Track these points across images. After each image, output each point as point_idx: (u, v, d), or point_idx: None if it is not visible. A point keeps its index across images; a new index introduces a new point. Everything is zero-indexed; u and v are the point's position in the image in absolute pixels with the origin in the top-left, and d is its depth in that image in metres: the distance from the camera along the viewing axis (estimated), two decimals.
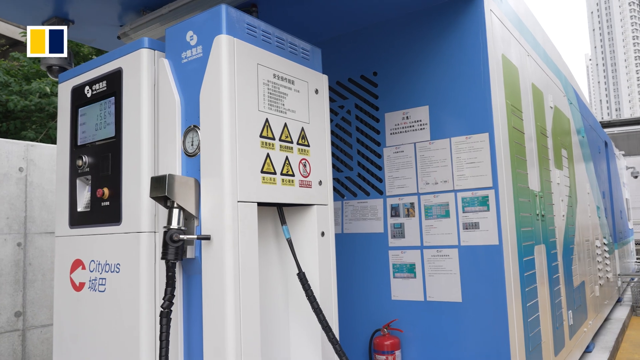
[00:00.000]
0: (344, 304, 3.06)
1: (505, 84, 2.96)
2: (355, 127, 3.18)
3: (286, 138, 2.08)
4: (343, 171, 3.21)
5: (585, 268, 4.94)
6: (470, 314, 2.70)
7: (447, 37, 2.85)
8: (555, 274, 3.70)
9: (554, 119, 4.19)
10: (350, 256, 3.12)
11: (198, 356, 1.89)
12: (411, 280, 2.89)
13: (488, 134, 2.68)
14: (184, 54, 2.00)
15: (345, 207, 3.17)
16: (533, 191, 3.30)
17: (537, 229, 3.30)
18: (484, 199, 2.67)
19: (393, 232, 2.97)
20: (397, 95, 3.02)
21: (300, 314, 2.22)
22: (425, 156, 2.87)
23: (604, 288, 5.93)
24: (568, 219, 4.32)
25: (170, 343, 1.87)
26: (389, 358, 2.83)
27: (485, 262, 2.66)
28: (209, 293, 1.83)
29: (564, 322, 3.78)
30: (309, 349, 2.20)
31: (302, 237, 2.24)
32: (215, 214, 1.83)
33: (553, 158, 4.00)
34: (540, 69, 3.95)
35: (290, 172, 2.08)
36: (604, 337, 5.40)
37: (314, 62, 2.34)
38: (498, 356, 2.60)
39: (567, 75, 5.17)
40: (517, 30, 3.38)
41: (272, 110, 2.03)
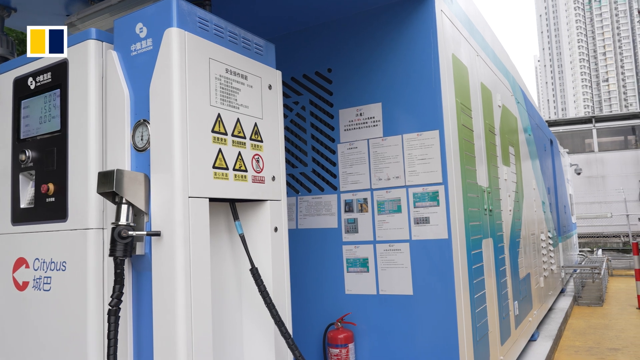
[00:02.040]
0: (298, 299, 3.08)
1: (456, 82, 3.05)
2: (310, 123, 3.20)
3: (239, 133, 2.07)
4: (297, 167, 3.22)
5: (531, 260, 5.17)
6: (421, 306, 2.77)
7: (399, 35, 2.91)
8: (502, 267, 3.85)
9: (502, 117, 4.35)
10: (305, 251, 3.14)
11: (148, 355, 1.86)
12: (364, 274, 2.94)
13: (438, 131, 2.76)
14: (134, 47, 1.95)
15: (300, 202, 3.19)
16: (481, 187, 3.42)
17: (485, 224, 3.42)
18: (434, 194, 2.75)
19: (347, 227, 3.01)
20: (351, 92, 3.06)
21: (254, 309, 2.23)
22: (378, 152, 2.93)
23: (548, 279, 6.22)
24: (515, 213, 4.50)
25: (120, 342, 1.83)
26: (343, 351, 2.87)
27: (435, 255, 2.74)
28: (159, 290, 1.80)
29: (510, 312, 3.94)
30: (262, 344, 2.20)
31: (255, 233, 2.23)
32: (165, 210, 1.80)
33: (501, 155, 4.15)
34: (489, 69, 4.09)
35: (243, 167, 2.08)
36: (548, 326, 5.67)
37: (268, 57, 2.34)
38: (447, 346, 2.69)
39: (514, 75, 5.37)
40: (467, 31, 3.49)
41: (225, 105, 2.01)
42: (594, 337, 5.66)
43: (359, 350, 2.95)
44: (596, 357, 4.84)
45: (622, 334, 5.72)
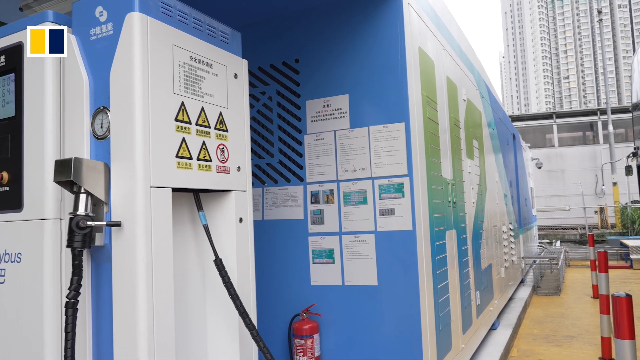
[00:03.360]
0: (264, 290, 3.07)
1: (422, 76, 3.08)
2: (277, 114, 3.17)
3: (203, 122, 2.04)
4: (264, 158, 3.20)
5: (493, 252, 5.30)
6: (385, 296, 2.81)
7: (367, 27, 2.91)
8: (465, 257, 3.93)
9: (466, 111, 4.43)
10: (271, 242, 3.13)
11: (108, 349, 1.82)
12: (330, 265, 2.95)
13: (404, 124, 2.79)
14: (93, 31, 1.88)
15: (266, 193, 3.17)
16: (446, 179, 3.47)
17: (448, 215, 3.49)
18: (400, 186, 2.78)
19: (313, 218, 3.01)
20: (318, 83, 3.05)
21: (218, 300, 2.20)
22: (345, 144, 2.93)
23: (509, 270, 6.40)
24: (478, 205, 4.60)
25: (78, 336, 1.79)
26: (308, 342, 2.88)
27: (400, 246, 2.77)
28: (119, 282, 1.76)
29: (472, 302, 4.04)
30: (226, 336, 2.18)
31: (220, 224, 2.21)
32: (126, 200, 1.76)
33: (465, 148, 4.23)
34: (455, 63, 4.15)
35: (208, 157, 2.04)
36: (508, 315, 5.84)
37: (234, 46, 2.30)
38: (410, 335, 2.74)
39: (480, 70, 5.46)
40: (433, 25, 3.52)
41: (189, 93, 1.97)
42: (551, 325, 5.86)
43: (324, 340, 2.97)
44: (553, 344, 5.02)
45: (577, 322, 5.95)
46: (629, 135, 24.24)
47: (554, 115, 27.10)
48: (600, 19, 26.32)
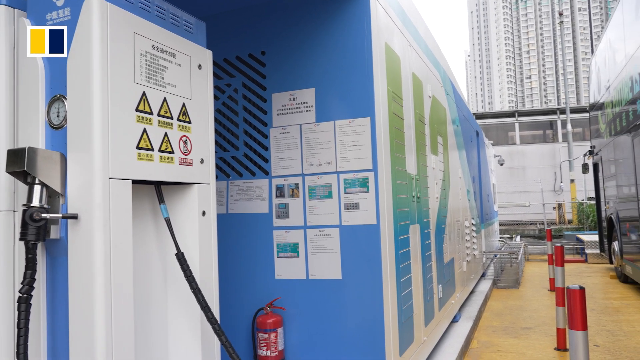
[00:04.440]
0: (228, 284, 3.04)
1: (388, 71, 3.10)
2: (242, 107, 3.14)
3: (165, 113, 1.99)
4: (229, 151, 3.16)
5: (455, 246, 5.41)
6: (349, 290, 2.82)
7: (334, 22, 2.91)
8: (428, 252, 4.00)
9: (431, 107, 4.49)
10: (235, 236, 3.10)
11: (63, 346, 1.76)
12: (294, 259, 2.95)
13: (370, 119, 2.80)
14: (49, 15, 1.81)
15: (231, 187, 3.13)
16: (410, 174, 3.52)
17: (412, 210, 3.53)
18: (365, 180, 2.79)
19: (278, 212, 3.00)
20: (284, 76, 3.02)
21: (179, 295, 2.17)
22: (311, 138, 2.93)
23: (470, 264, 6.55)
24: (441, 201, 4.68)
25: (32, 332, 1.73)
26: (271, 336, 2.87)
27: (364, 240, 2.79)
28: (75, 277, 1.71)
29: (434, 295, 4.11)
30: (187, 330, 2.15)
31: (182, 217, 2.17)
32: (83, 192, 1.71)
33: (429, 144, 4.29)
34: (421, 60, 4.20)
35: (170, 149, 2.00)
36: (469, 308, 5.98)
37: (198, 36, 2.26)
38: (373, 328, 2.76)
39: (445, 68, 5.54)
40: (400, 21, 3.55)
41: (150, 83, 1.93)
42: (510, 317, 6.04)
43: (288, 334, 2.97)
44: (511, 335, 5.17)
45: (534, 314, 6.15)
46: (586, 134, 25.13)
47: (516, 113, 27.84)
48: (561, 21, 27.15)
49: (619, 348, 4.65)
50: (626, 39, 6.81)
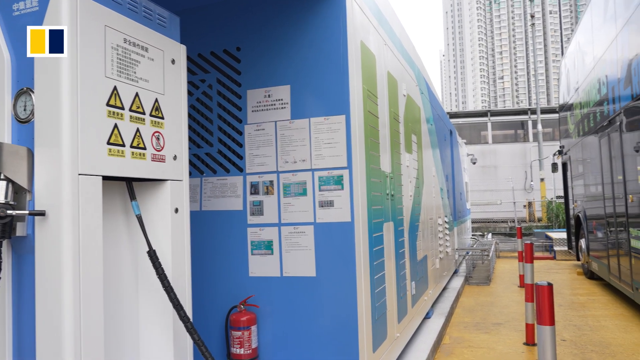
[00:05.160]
0: (201, 282, 3.01)
1: (363, 69, 3.11)
2: (217, 103, 3.11)
3: (137, 108, 1.96)
4: (202, 147, 3.13)
5: (428, 243, 5.48)
6: (324, 287, 2.83)
7: (310, 19, 2.90)
8: (402, 249, 4.04)
9: (406, 106, 4.53)
10: (209, 233, 3.07)
11: (30, 345, 1.72)
12: (269, 256, 2.94)
13: (345, 116, 2.81)
14: (16, 6, 1.76)
15: (204, 184, 3.10)
16: (384, 172, 3.54)
17: (386, 208, 3.56)
18: (339, 178, 2.80)
19: (252, 209, 2.98)
20: (259, 72, 3.01)
21: (151, 293, 2.14)
22: (286, 135, 2.92)
23: (443, 261, 6.64)
24: (415, 198, 4.73)
25: None
26: (245, 333, 2.86)
27: (338, 238, 2.80)
28: (43, 275, 1.67)
29: (407, 292, 4.15)
30: (159, 329, 2.12)
31: (155, 214, 2.14)
32: (52, 188, 1.66)
33: (404, 142, 4.33)
34: (396, 59, 4.23)
35: (142, 145, 1.97)
36: (441, 304, 6.07)
37: (172, 30, 2.22)
38: (347, 325, 2.78)
39: (420, 67, 5.60)
40: (376, 20, 3.57)
41: (122, 77, 1.89)
42: (481, 313, 6.15)
43: (262, 332, 2.96)
44: (482, 331, 5.27)
45: (505, 310, 6.28)
46: (556, 134, 25.76)
47: (488, 113, 28.34)
48: (533, 23, 27.73)
49: (584, 342, 4.79)
50: (594, 42, 7.00)
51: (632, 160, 5.36)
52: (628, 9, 5.26)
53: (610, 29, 5.98)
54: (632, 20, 5.12)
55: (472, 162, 16.19)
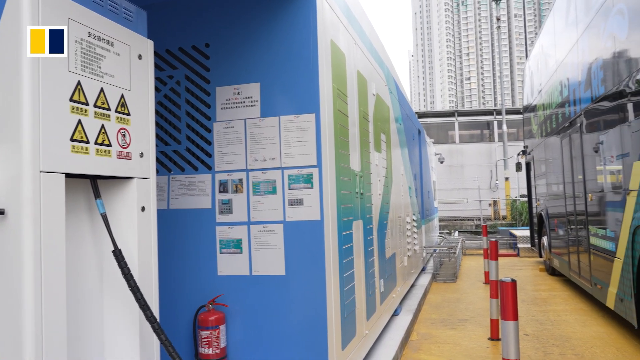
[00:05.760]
0: (169, 282, 2.97)
1: (333, 68, 3.12)
2: (185, 100, 3.06)
3: (103, 104, 1.91)
4: (170, 145, 3.08)
5: (397, 241, 5.54)
6: (293, 285, 2.83)
7: (280, 17, 2.89)
8: (371, 247, 4.07)
9: (375, 105, 4.56)
10: (176, 232, 3.02)
11: None
12: (237, 255, 2.92)
13: (315, 115, 2.81)
14: None
15: (172, 182, 3.05)
16: (354, 171, 3.56)
17: (356, 206, 3.58)
18: (309, 176, 2.80)
19: (221, 207, 2.95)
20: (229, 70, 2.98)
21: (116, 293, 2.09)
22: (255, 133, 2.90)
23: (411, 259, 6.73)
24: (384, 197, 4.78)
25: None
26: (213, 333, 2.83)
27: (308, 236, 2.80)
28: (2, 276, 1.61)
29: (376, 289, 4.19)
30: (125, 330, 2.08)
31: (120, 212, 2.09)
32: (11, 186, 1.61)
33: (373, 141, 4.36)
34: (366, 58, 4.26)
35: (107, 141, 1.92)
36: (409, 301, 6.15)
37: (139, 25, 2.18)
38: (316, 323, 2.79)
39: (389, 66, 5.65)
40: (346, 19, 3.58)
41: (86, 72, 1.84)
42: (447, 309, 6.26)
43: (230, 331, 2.93)
44: (448, 327, 5.37)
45: (470, 306, 6.42)
46: (520, 134, 26.44)
47: (456, 113, 28.87)
48: (499, 26, 28.38)
49: (546, 336, 4.94)
50: (557, 45, 7.22)
51: (591, 161, 5.56)
52: (588, 14, 5.44)
53: (572, 33, 6.18)
54: (592, 25, 5.30)
55: (439, 161, 16.46)
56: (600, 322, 5.45)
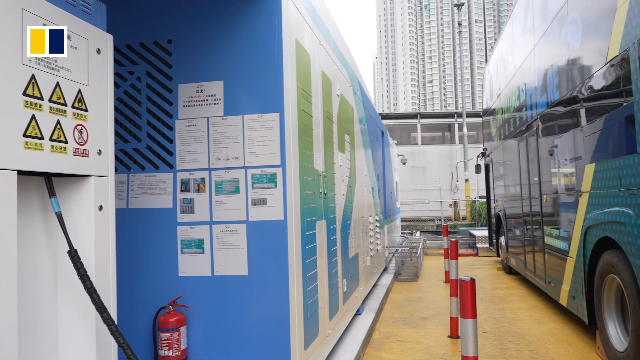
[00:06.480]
0: (128, 283, 2.89)
1: (298, 68, 3.12)
2: (146, 96, 2.99)
3: (58, 99, 1.84)
4: (130, 142, 3.00)
5: (360, 241, 5.59)
6: (256, 286, 2.81)
7: (245, 15, 2.86)
8: (334, 247, 4.09)
9: (340, 106, 4.59)
10: (136, 232, 2.95)
11: None
12: (199, 255, 2.88)
13: (279, 114, 2.80)
14: None
15: (132, 180, 2.98)
16: (318, 171, 3.57)
17: (319, 206, 3.59)
18: (272, 176, 2.79)
19: (182, 207, 2.90)
20: (192, 67, 2.93)
21: (72, 295, 2.02)
22: (218, 132, 2.86)
23: (374, 258, 6.80)
24: (347, 197, 4.81)
25: None
26: (174, 335, 2.78)
27: (271, 236, 2.79)
28: None
29: (339, 289, 4.21)
30: (81, 332, 2.01)
31: (77, 211, 2.02)
32: None
33: (337, 142, 4.38)
34: (330, 59, 4.27)
35: (63, 138, 1.85)
36: (372, 300, 6.21)
37: (97, 18, 2.11)
38: (279, 324, 2.77)
39: (354, 68, 5.69)
40: (311, 19, 3.58)
41: (41, 65, 1.77)
42: (409, 308, 6.36)
43: (192, 332, 2.89)
44: (409, 326, 5.46)
45: (431, 305, 6.53)
46: (480, 137, 27.14)
47: (418, 115, 29.36)
48: (460, 31, 28.99)
49: (503, 333, 5.08)
50: (515, 51, 7.44)
51: (546, 163, 5.76)
52: (545, 22, 5.64)
53: (529, 40, 6.39)
54: (548, 32, 5.49)
55: (402, 162, 16.66)
56: (554, 318, 5.65)
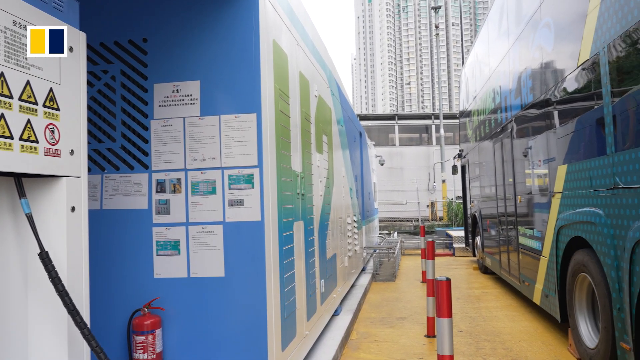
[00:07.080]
0: (102, 285, 2.85)
1: (275, 68, 3.11)
2: (121, 96, 2.95)
3: (29, 98, 1.80)
4: (104, 142, 2.95)
5: (338, 242, 5.60)
6: (232, 287, 2.79)
7: (222, 15, 2.85)
8: (311, 248, 4.09)
9: (317, 107, 4.59)
10: (110, 234, 2.90)
11: None
12: (175, 257, 2.84)
13: (256, 115, 2.79)
14: None
15: (106, 181, 2.93)
16: (295, 172, 3.57)
17: (297, 207, 3.59)
18: (250, 177, 2.78)
19: (158, 208, 2.87)
20: (168, 66, 2.90)
21: (43, 298, 1.97)
22: (195, 132, 2.84)
23: (352, 259, 6.82)
24: (325, 198, 4.81)
25: None
26: (149, 338, 2.74)
27: (248, 237, 2.78)
28: None
29: (316, 290, 4.22)
30: (52, 336, 1.97)
31: (48, 213, 1.98)
32: None
33: (315, 143, 4.39)
34: (308, 59, 4.27)
35: (33, 137, 1.81)
36: (349, 301, 6.23)
37: (69, 15, 2.07)
38: (256, 325, 2.76)
39: (332, 69, 5.71)
40: (289, 20, 3.58)
41: (10, 63, 1.72)
42: (386, 308, 6.40)
43: (167, 335, 2.85)
44: (387, 325, 5.49)
45: (408, 305, 6.59)
46: (456, 138, 27.50)
47: (396, 116, 29.61)
48: (437, 33, 29.34)
49: (478, 332, 5.16)
50: (490, 54, 7.56)
51: (521, 165, 5.87)
52: (519, 26, 5.74)
53: (504, 43, 6.50)
54: (522, 36, 5.60)
55: (380, 163, 16.78)
56: (528, 317, 5.76)
